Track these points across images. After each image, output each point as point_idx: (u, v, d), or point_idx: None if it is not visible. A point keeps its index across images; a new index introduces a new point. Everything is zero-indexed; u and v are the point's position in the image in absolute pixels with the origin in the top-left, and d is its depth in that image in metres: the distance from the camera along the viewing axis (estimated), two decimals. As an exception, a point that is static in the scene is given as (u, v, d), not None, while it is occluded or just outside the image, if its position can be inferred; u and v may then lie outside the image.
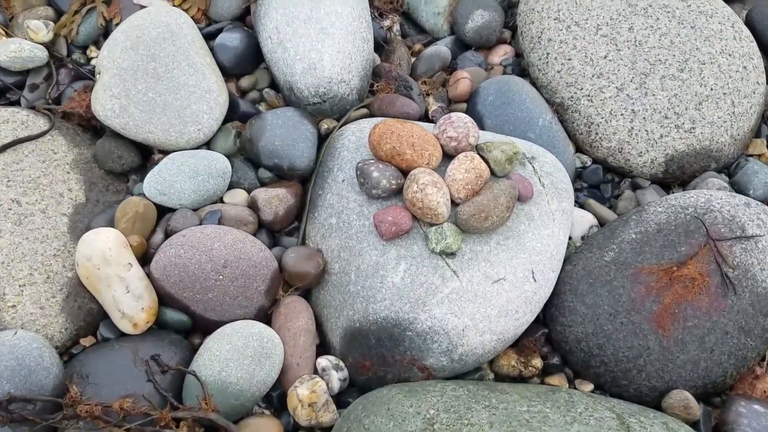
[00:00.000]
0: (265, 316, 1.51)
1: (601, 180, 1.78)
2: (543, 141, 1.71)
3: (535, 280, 1.46)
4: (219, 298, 1.44)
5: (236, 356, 1.36)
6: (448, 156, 1.53)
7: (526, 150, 1.61)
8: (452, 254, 1.43)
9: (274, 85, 1.82)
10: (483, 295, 1.41)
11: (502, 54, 1.94)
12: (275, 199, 1.57)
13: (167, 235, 1.50)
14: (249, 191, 1.62)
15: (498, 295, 1.42)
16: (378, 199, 1.50)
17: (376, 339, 1.42)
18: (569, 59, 1.80)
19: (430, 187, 1.38)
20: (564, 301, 1.54)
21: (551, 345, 1.57)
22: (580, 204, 1.74)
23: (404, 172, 1.48)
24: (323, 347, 1.55)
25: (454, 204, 1.46)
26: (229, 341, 1.39)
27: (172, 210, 1.55)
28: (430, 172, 1.43)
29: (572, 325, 1.51)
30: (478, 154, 1.52)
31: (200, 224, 1.50)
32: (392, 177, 1.45)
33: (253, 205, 1.58)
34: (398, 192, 1.48)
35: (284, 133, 1.60)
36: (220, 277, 1.43)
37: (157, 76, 1.60)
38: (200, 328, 1.49)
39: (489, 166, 1.51)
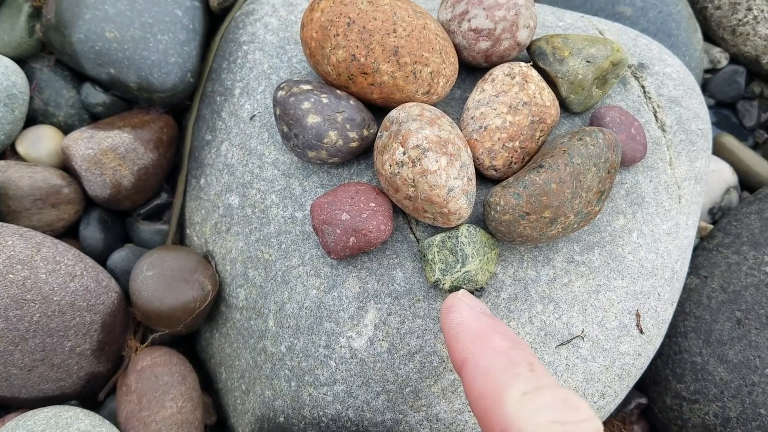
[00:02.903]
0: (101, 388, 0.80)
1: (741, 94, 1.01)
2: (647, 23, 0.92)
3: (641, 332, 0.75)
4: (-3, 370, 0.73)
5: None
6: (470, 69, 0.76)
7: (627, 49, 0.83)
8: (477, 292, 0.70)
9: None
10: (539, 373, 0.70)
11: None
12: (111, 155, 0.79)
13: None
14: (67, 131, 0.84)
15: (569, 369, 0.72)
16: (323, 165, 0.74)
17: (320, 451, 0.73)
18: None
19: (434, 154, 0.63)
20: (683, 349, 0.84)
21: (650, 425, 0.88)
22: (705, 144, 0.98)
23: (376, 109, 0.72)
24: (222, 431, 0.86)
25: (483, 179, 0.71)
26: (17, 461, 0.70)
27: None
28: (433, 113, 0.66)
29: (698, 398, 0.82)
30: (536, 65, 0.74)
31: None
32: (350, 123, 0.68)
33: (68, 165, 0.81)
34: (364, 151, 0.72)
35: (127, 12, 0.79)
36: (-13, 337, 0.70)
37: None
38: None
39: (557, 92, 0.74)
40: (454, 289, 0.68)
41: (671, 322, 0.85)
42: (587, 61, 0.72)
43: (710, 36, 1.07)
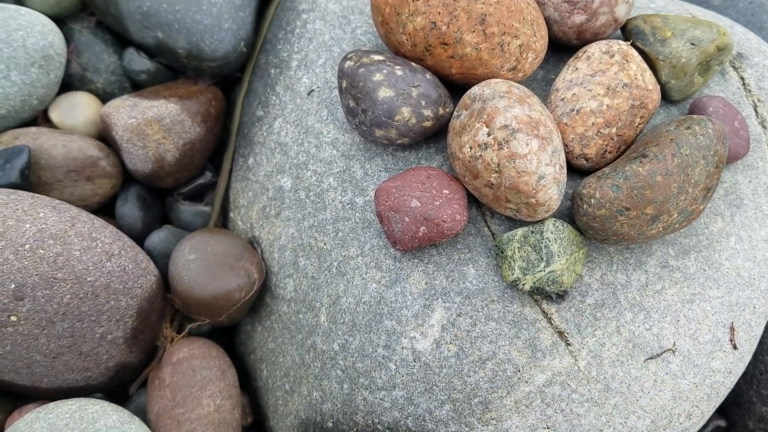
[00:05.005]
0: (130, 380, 0.73)
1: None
2: (736, 14, 0.85)
3: (735, 348, 0.66)
4: (21, 355, 0.65)
5: None
6: (555, 49, 0.68)
7: (726, 36, 0.75)
8: (560, 296, 0.62)
9: None
10: (623, 387, 0.63)
11: None
12: (156, 126, 0.72)
13: None
14: (105, 99, 0.77)
15: (656, 386, 0.63)
16: (388, 147, 0.66)
17: (371, 463, 0.65)
18: None
19: (524, 136, 0.55)
20: (771, 370, 0.76)
21: (729, 453, 0.80)
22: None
23: (455, 87, 0.64)
24: (261, 436, 0.78)
25: (569, 170, 0.63)
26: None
27: None
28: (522, 90, 0.59)
29: (788, 426, 0.74)
30: (635, 46, 0.66)
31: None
32: (426, 100, 0.61)
33: (107, 135, 0.74)
34: (435, 133, 0.65)
35: (179, -28, 0.73)
36: (12, 318, 0.63)
37: None
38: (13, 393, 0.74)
39: (658, 76, 0.66)
40: (535, 290, 0.60)
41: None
42: (692, 44, 0.64)
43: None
